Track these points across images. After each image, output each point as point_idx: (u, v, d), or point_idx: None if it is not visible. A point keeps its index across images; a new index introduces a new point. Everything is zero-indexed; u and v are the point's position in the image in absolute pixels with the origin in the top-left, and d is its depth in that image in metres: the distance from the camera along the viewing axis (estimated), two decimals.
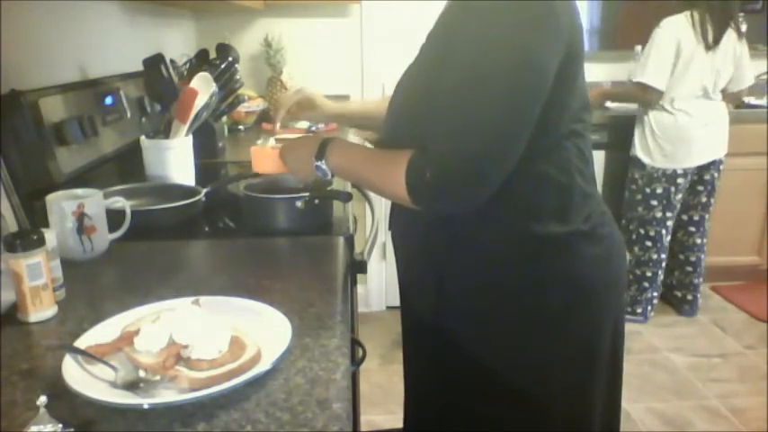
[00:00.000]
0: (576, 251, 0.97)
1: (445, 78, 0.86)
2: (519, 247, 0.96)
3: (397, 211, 1.10)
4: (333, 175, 1.06)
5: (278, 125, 1.31)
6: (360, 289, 3.01)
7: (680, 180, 2.79)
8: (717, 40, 2.64)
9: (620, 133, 2.99)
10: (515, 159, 0.87)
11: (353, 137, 2.23)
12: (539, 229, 0.94)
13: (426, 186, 0.86)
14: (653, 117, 2.77)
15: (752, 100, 3.48)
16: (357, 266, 1.22)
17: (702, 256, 3.00)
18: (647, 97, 2.72)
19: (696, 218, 2.95)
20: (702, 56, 2.65)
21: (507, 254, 0.96)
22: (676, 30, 2.64)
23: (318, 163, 1.03)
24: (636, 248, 2.89)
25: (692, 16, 2.63)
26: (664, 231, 2.87)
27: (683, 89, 2.69)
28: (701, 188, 2.90)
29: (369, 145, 1.31)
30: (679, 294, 3.06)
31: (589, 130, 1.00)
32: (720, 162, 2.85)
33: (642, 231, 2.87)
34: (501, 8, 0.84)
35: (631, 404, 2.32)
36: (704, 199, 2.92)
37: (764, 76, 3.51)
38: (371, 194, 1.60)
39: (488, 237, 0.96)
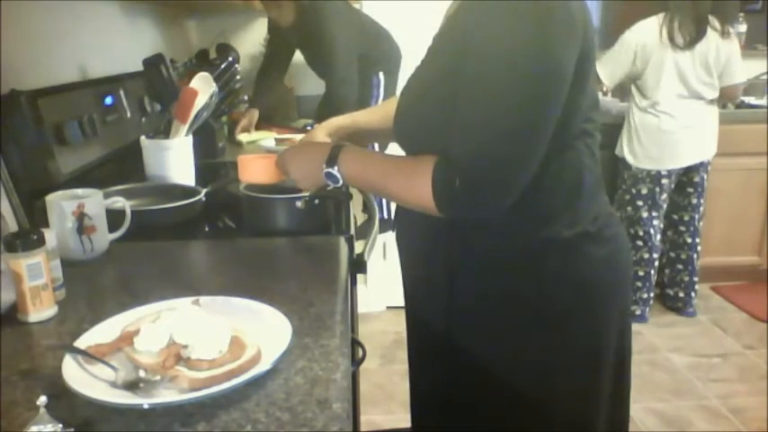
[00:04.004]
0: (583, 253, 0.96)
1: (465, 82, 0.85)
2: (527, 248, 0.95)
3: (403, 214, 1.09)
4: (343, 183, 1.01)
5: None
6: (360, 289, 3.00)
7: (664, 181, 2.80)
8: (693, 41, 2.64)
9: (610, 131, 2.96)
10: (538, 162, 0.87)
11: None
12: (547, 230, 0.94)
13: (456, 195, 0.85)
14: (638, 119, 2.79)
15: (752, 100, 3.48)
16: (357, 266, 1.22)
17: (695, 255, 2.99)
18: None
19: (686, 218, 2.96)
20: (676, 58, 2.65)
21: (516, 255, 0.95)
22: (640, 36, 2.69)
23: (330, 170, 0.99)
24: None
25: (664, 18, 2.65)
26: (652, 231, 2.88)
27: (662, 92, 2.71)
28: (690, 189, 2.90)
29: None
30: (671, 292, 3.06)
31: (598, 130, 0.99)
32: (708, 163, 2.85)
33: (632, 231, 2.89)
34: (518, 9, 0.82)
35: (631, 404, 2.30)
36: (694, 200, 2.92)
37: (764, 77, 3.50)
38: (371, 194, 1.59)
39: (499, 238, 0.95)
